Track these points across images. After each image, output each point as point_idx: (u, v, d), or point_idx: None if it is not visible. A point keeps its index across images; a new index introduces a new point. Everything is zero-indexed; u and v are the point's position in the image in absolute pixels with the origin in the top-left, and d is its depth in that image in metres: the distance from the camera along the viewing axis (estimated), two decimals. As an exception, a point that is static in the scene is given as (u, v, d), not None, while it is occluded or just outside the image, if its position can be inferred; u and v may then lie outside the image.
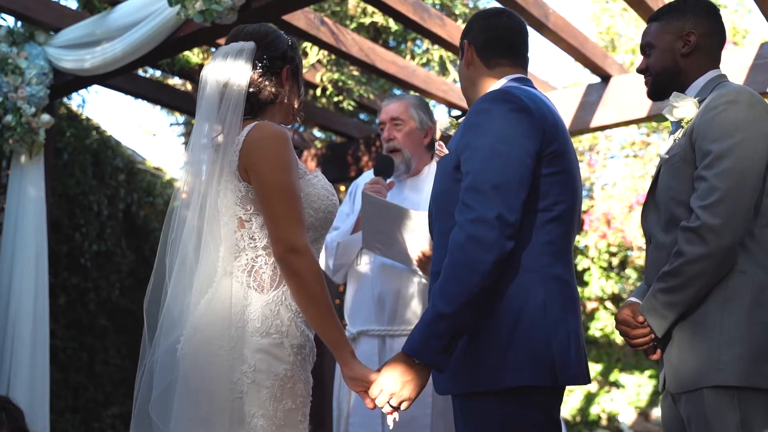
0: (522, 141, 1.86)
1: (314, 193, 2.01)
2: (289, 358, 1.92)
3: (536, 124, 1.90)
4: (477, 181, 1.83)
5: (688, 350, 1.87)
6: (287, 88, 2.08)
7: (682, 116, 2.00)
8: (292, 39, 2.14)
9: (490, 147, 1.85)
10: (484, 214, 1.78)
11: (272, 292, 1.95)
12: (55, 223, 5.80)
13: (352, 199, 3.22)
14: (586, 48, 4.55)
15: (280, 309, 1.94)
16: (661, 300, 1.90)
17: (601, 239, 8.37)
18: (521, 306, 1.84)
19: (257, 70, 2.01)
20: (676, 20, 2.11)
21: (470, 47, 2.14)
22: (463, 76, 2.18)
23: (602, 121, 4.86)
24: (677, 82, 2.11)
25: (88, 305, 6.30)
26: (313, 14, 4.22)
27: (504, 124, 1.87)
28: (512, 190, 1.81)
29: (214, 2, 3.24)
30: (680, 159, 1.96)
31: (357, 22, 4.75)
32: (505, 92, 1.95)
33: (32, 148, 4.05)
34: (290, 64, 2.09)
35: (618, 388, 9.22)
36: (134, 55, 3.72)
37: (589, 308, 9.18)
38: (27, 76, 3.97)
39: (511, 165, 1.83)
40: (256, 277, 1.96)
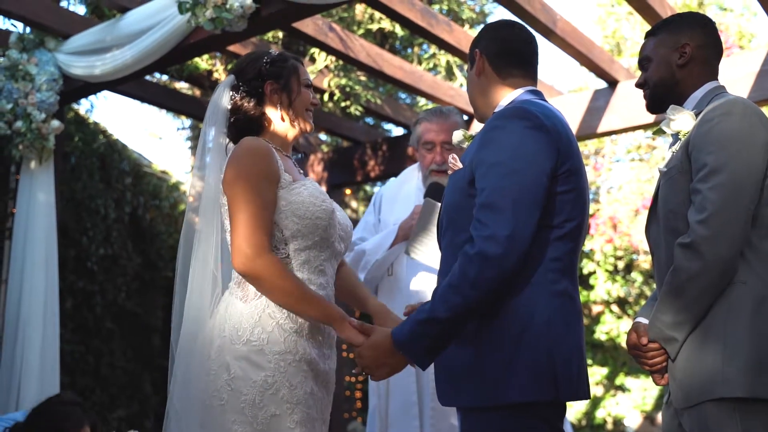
0: (539, 160, 1.86)
1: (298, 201, 2.04)
2: (269, 364, 1.96)
3: (552, 142, 1.90)
4: (492, 198, 1.83)
5: (693, 363, 1.86)
6: (278, 101, 2.15)
7: (679, 129, 2.00)
8: (273, 55, 2.20)
9: (506, 165, 1.85)
10: (497, 232, 1.79)
11: (254, 301, 2.01)
12: (62, 226, 5.79)
13: (377, 209, 3.23)
14: (593, 53, 4.56)
15: (262, 317, 1.99)
16: (666, 321, 1.89)
17: (607, 243, 8.36)
18: (526, 321, 1.84)
19: (237, 96, 2.15)
20: (671, 34, 2.13)
21: (482, 57, 2.12)
22: (472, 84, 2.17)
23: (609, 126, 4.87)
24: (675, 93, 2.11)
25: (95, 308, 6.31)
26: (322, 20, 4.23)
27: (521, 141, 1.87)
28: (527, 209, 1.82)
29: (225, 10, 3.26)
30: (677, 171, 1.95)
31: (364, 27, 4.77)
32: (522, 109, 1.95)
33: (42, 154, 4.06)
34: (272, 78, 2.16)
35: (624, 391, 9.21)
36: (144, 62, 3.74)
37: (595, 312, 9.16)
38: (37, 82, 3.99)
39: (527, 184, 1.83)
40: (243, 289, 2.04)
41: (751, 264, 1.86)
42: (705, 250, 1.81)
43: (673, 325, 1.88)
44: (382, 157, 5.69)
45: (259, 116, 2.15)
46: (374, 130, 6.90)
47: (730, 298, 1.84)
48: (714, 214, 1.80)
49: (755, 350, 1.79)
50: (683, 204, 1.93)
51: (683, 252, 1.86)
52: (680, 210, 1.93)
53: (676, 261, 1.87)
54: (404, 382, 2.91)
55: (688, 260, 1.84)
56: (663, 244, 2.01)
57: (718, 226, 1.80)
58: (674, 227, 1.95)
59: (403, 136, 5.83)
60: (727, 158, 1.84)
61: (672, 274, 1.88)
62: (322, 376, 2.09)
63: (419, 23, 4.05)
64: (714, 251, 1.80)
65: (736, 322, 1.82)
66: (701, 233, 1.81)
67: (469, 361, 1.88)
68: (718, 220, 1.80)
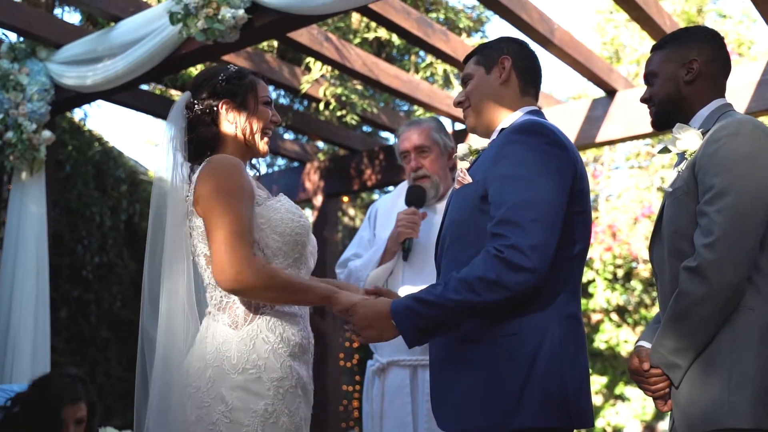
0: (559, 176, 1.84)
1: (277, 218, 1.99)
2: (268, 392, 1.89)
3: (570, 160, 1.89)
4: (513, 214, 1.79)
5: (698, 392, 1.80)
6: (236, 119, 2.09)
7: (685, 148, 1.94)
8: (230, 72, 2.13)
9: (527, 179, 1.81)
10: (520, 243, 1.75)
11: (246, 327, 1.94)
12: (57, 235, 5.76)
13: (372, 224, 3.18)
14: (591, 62, 4.52)
15: (256, 343, 1.92)
16: (670, 347, 1.83)
17: (606, 252, 8.33)
18: (538, 345, 1.81)
19: (193, 115, 2.09)
20: (679, 48, 2.07)
21: (513, 67, 2.07)
22: (490, 90, 2.07)
23: (608, 135, 4.83)
24: (681, 110, 2.05)
25: (90, 317, 6.26)
26: (317, 30, 4.19)
27: (541, 158, 1.84)
28: (551, 225, 1.79)
29: (217, 21, 3.21)
30: (683, 192, 1.90)
31: (360, 36, 4.72)
32: (541, 125, 1.92)
33: (33, 165, 4.01)
34: (229, 96, 2.09)
35: (623, 401, 9.16)
36: (136, 72, 3.69)
37: (594, 320, 9.13)
38: (28, 92, 3.94)
39: (550, 200, 1.80)
40: (230, 314, 1.96)
41: (759, 289, 1.80)
42: (711, 275, 1.75)
43: (676, 351, 1.82)
44: (378, 165, 5.66)
45: (214, 135, 2.08)
46: (371, 138, 6.86)
47: (736, 325, 1.78)
48: (721, 237, 1.75)
49: (762, 380, 1.74)
50: (689, 226, 1.87)
51: (689, 276, 1.80)
52: (686, 232, 1.88)
53: (681, 285, 1.82)
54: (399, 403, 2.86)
55: (693, 284, 1.79)
56: (667, 266, 1.95)
57: (725, 250, 1.75)
58: (679, 249, 1.89)
59: (399, 144, 5.76)
60: (734, 180, 1.79)
61: (676, 299, 1.83)
62: (309, 396, 2.05)
63: (415, 33, 4.01)
64: (720, 276, 1.75)
65: (742, 350, 1.77)
66: (707, 257, 1.76)
67: (476, 384, 1.84)
68: (724, 244, 1.75)
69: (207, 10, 3.21)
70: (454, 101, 2.17)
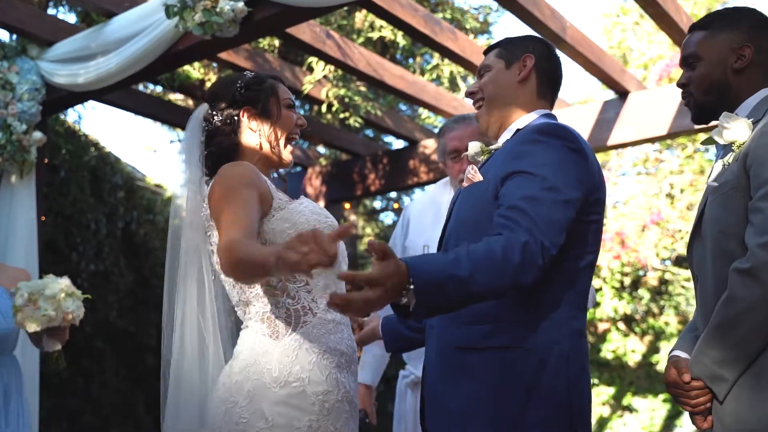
0: (574, 183, 1.73)
1: (302, 221, 1.87)
2: (313, 407, 1.75)
3: (589, 167, 1.79)
4: (525, 204, 1.66)
5: (746, 408, 1.63)
6: (259, 126, 1.97)
7: (733, 139, 1.77)
8: (248, 78, 2.01)
9: (545, 179, 1.70)
10: (537, 239, 1.62)
11: (287, 338, 1.79)
12: (51, 242, 5.64)
13: (405, 230, 3.01)
14: (603, 62, 4.38)
15: (299, 353, 1.78)
16: (715, 357, 1.66)
17: (614, 259, 8.18)
18: (544, 359, 1.72)
19: (212, 127, 1.98)
20: (728, 30, 1.87)
21: (535, 67, 1.96)
22: (508, 88, 1.95)
23: (620, 138, 4.69)
24: (726, 101, 1.87)
25: (85, 327, 6.11)
26: (319, 27, 4.06)
27: (560, 160, 1.74)
28: (558, 228, 1.68)
29: (215, 14, 3.07)
30: (732, 187, 1.72)
31: (364, 36, 4.59)
32: (562, 128, 1.81)
33: (23, 167, 3.86)
34: (249, 103, 1.97)
35: (631, 412, 9.00)
36: (130, 70, 3.55)
37: (601, 329, 8.99)
38: (18, 91, 3.79)
39: (562, 204, 1.69)
40: (270, 324, 1.82)
41: None
42: (766, 277, 1.58)
43: (722, 362, 1.65)
44: (382, 170, 5.53)
45: (234, 146, 1.97)
46: (374, 142, 6.74)
47: None
48: None
49: None
50: (738, 224, 1.69)
51: (740, 279, 1.62)
52: (734, 231, 1.70)
53: (731, 289, 1.64)
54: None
55: (745, 288, 1.61)
56: (710, 269, 1.77)
57: None
58: (726, 250, 1.72)
59: (404, 149, 5.69)
60: None
61: (725, 304, 1.66)
62: (356, 411, 1.91)
63: (422, 30, 3.87)
64: None
65: None
66: (762, 258, 1.59)
67: (475, 397, 1.73)
68: None
69: (205, 2, 3.08)
70: (467, 90, 2.06)
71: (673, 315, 8.91)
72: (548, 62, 1.99)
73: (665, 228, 8.07)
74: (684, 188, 7.98)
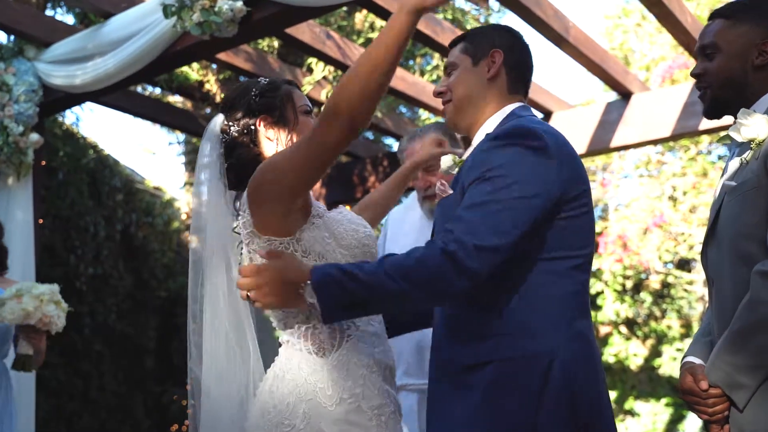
0: (532, 179, 1.63)
1: (341, 230, 1.80)
2: (371, 423, 1.68)
3: (557, 164, 1.67)
4: (464, 214, 1.61)
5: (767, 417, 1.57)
6: (277, 135, 1.88)
7: (753, 136, 1.69)
8: (263, 85, 1.92)
9: (494, 180, 1.62)
10: (458, 242, 1.56)
11: (334, 353, 1.72)
12: (49, 245, 5.60)
13: (384, 234, 2.98)
14: (606, 63, 4.33)
15: (349, 368, 1.71)
16: (736, 364, 1.60)
17: (616, 263, 8.12)
18: (545, 370, 1.62)
19: (229, 138, 1.90)
20: (753, 23, 1.76)
21: (504, 62, 1.85)
22: (476, 87, 1.85)
23: (623, 140, 4.64)
24: (742, 97, 1.78)
25: (83, 330, 6.08)
26: (319, 28, 4.01)
27: (516, 160, 1.64)
28: (502, 227, 1.59)
29: (213, 14, 3.02)
30: (752, 187, 1.63)
31: (365, 36, 4.53)
32: (519, 127, 1.71)
33: (20, 170, 3.82)
34: (266, 111, 1.89)
35: (633, 416, 8.94)
36: (128, 71, 3.50)
37: (603, 333, 8.94)
38: (15, 93, 3.75)
39: (512, 202, 1.61)
40: (314, 340, 1.74)
41: None
42: None
43: (743, 369, 1.58)
44: (382, 172, 5.49)
45: (255, 157, 1.88)
46: (374, 144, 6.70)
47: None
48: None
49: None
50: (759, 225, 1.62)
51: (763, 282, 1.56)
52: (755, 233, 1.63)
53: (754, 292, 1.57)
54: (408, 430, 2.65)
55: None
56: (728, 272, 1.70)
57: None
58: (746, 253, 1.64)
59: (404, 151, 5.60)
60: None
61: (747, 308, 1.58)
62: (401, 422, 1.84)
63: (423, 30, 3.82)
64: None
65: None
66: None
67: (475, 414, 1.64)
68: None
69: (203, 2, 3.03)
70: (434, 91, 1.94)
71: (675, 318, 8.85)
72: (517, 54, 1.88)
73: (668, 231, 8.02)
74: (687, 191, 7.93)
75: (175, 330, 7.14)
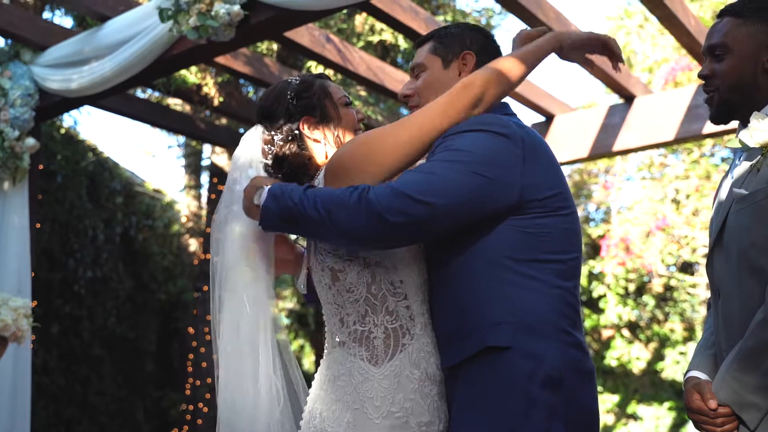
0: (482, 152, 1.56)
1: None
2: None
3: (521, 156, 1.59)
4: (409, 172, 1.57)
5: None
6: (322, 134, 1.81)
7: (765, 141, 1.60)
8: (296, 86, 1.84)
9: (438, 156, 1.57)
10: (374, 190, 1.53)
11: (387, 363, 1.64)
12: (47, 249, 5.56)
13: None
14: (609, 66, 4.27)
15: (401, 380, 1.63)
16: (748, 383, 1.53)
17: (619, 266, 8.07)
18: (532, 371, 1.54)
19: (275, 148, 1.82)
20: (765, 22, 1.66)
21: (476, 64, 1.76)
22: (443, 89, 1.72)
23: (625, 144, 4.58)
24: (752, 101, 1.68)
25: (82, 334, 6.04)
26: (318, 31, 3.96)
27: (473, 141, 1.58)
28: (421, 184, 1.52)
29: (210, 18, 2.98)
30: (765, 197, 1.55)
31: (364, 39, 4.49)
32: (490, 116, 1.64)
33: (16, 174, 3.77)
34: (307, 112, 1.81)
35: (636, 420, 8.88)
36: (124, 75, 3.46)
37: (605, 336, 8.89)
38: (11, 97, 3.70)
39: (445, 164, 1.54)
40: (368, 347, 1.67)
41: None
42: None
43: (755, 389, 1.51)
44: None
45: (307, 161, 1.81)
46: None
47: None
48: None
49: None
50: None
51: None
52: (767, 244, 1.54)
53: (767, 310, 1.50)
54: None
55: None
56: (736, 285, 1.62)
57: None
58: (757, 266, 1.56)
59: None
60: None
61: (761, 327, 1.51)
62: None
63: (423, 33, 3.76)
64: None
65: None
66: None
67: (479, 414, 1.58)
68: None
69: (199, 5, 2.98)
70: (400, 93, 1.87)
71: (678, 321, 8.80)
72: (489, 55, 1.78)
73: (670, 234, 7.96)
74: (690, 194, 7.87)
75: (175, 333, 7.11)
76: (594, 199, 9.13)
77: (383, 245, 1.60)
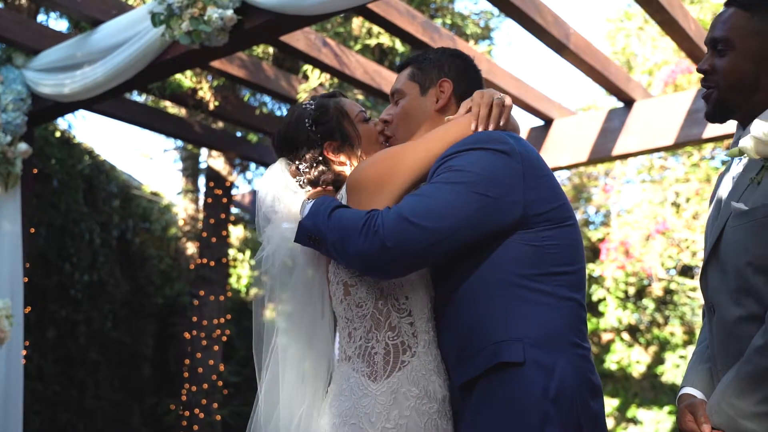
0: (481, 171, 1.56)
1: None
2: None
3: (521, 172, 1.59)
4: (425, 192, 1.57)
5: None
6: (347, 157, 1.84)
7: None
8: (311, 113, 1.84)
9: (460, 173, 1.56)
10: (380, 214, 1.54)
11: (385, 380, 1.65)
12: (42, 254, 5.51)
13: None
14: (608, 70, 4.24)
15: (397, 397, 1.64)
16: (744, 410, 1.47)
17: (618, 270, 8.02)
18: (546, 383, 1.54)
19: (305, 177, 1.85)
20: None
21: (453, 91, 1.77)
22: (421, 116, 1.77)
23: (625, 148, 4.55)
24: (751, 103, 1.59)
25: (79, 338, 6.00)
26: (314, 35, 3.92)
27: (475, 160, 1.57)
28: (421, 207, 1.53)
29: (203, 22, 2.93)
30: (765, 215, 1.47)
31: (362, 43, 4.44)
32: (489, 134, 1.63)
33: (8, 180, 3.73)
34: (327, 138, 1.83)
35: (635, 424, 8.83)
36: (117, 80, 3.42)
37: (605, 340, 8.84)
38: (3, 101, 3.67)
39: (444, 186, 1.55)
40: (369, 362, 1.68)
41: None
42: None
43: (750, 416, 1.45)
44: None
45: (336, 177, 1.85)
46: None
47: None
48: None
49: None
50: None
51: None
52: (765, 264, 1.47)
53: (766, 335, 1.43)
54: None
55: None
56: (732, 302, 1.55)
57: None
58: (754, 285, 1.49)
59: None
60: None
61: (759, 354, 1.44)
62: None
63: (420, 38, 3.73)
64: None
65: None
66: None
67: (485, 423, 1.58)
68: None
69: (192, 10, 2.93)
70: (378, 120, 1.88)
71: (678, 325, 8.75)
72: (467, 82, 1.80)
73: (671, 237, 7.92)
74: (690, 197, 7.83)
75: (172, 337, 7.06)
76: (593, 202, 9.09)
77: (390, 273, 1.61)
